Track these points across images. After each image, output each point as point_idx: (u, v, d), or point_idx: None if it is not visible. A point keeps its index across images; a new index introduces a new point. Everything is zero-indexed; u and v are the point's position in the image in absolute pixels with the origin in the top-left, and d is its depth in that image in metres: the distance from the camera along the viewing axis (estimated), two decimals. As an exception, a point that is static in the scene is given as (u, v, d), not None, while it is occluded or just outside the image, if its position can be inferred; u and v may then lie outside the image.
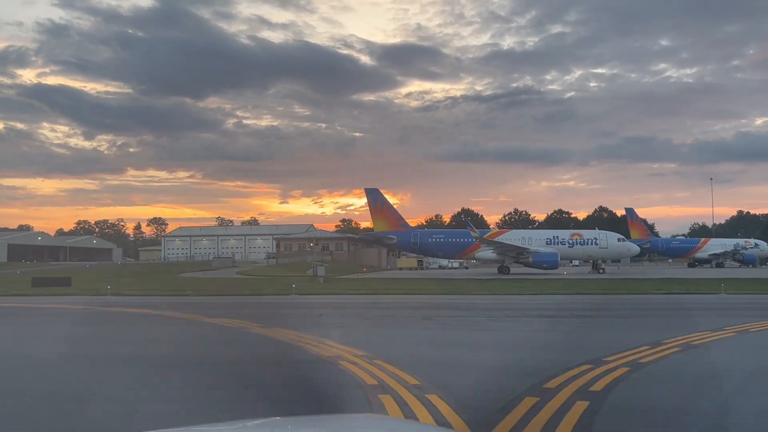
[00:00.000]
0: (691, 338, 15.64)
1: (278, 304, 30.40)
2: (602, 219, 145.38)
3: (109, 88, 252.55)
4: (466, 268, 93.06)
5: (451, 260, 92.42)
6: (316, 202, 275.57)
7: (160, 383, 11.12)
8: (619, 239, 72.14)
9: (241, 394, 10.06)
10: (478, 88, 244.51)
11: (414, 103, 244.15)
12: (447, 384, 10.22)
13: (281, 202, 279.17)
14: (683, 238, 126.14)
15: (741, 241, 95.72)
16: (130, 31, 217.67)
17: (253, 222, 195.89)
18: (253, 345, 15.68)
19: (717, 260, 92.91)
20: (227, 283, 52.01)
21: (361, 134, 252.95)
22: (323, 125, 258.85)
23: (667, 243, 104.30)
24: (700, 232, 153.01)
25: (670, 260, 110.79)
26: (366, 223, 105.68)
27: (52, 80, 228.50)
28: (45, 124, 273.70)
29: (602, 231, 74.51)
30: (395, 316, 23.91)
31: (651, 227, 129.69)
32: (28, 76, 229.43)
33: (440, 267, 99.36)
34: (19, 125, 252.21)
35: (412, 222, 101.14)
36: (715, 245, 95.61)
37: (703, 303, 28.47)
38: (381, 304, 29.09)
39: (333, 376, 11.03)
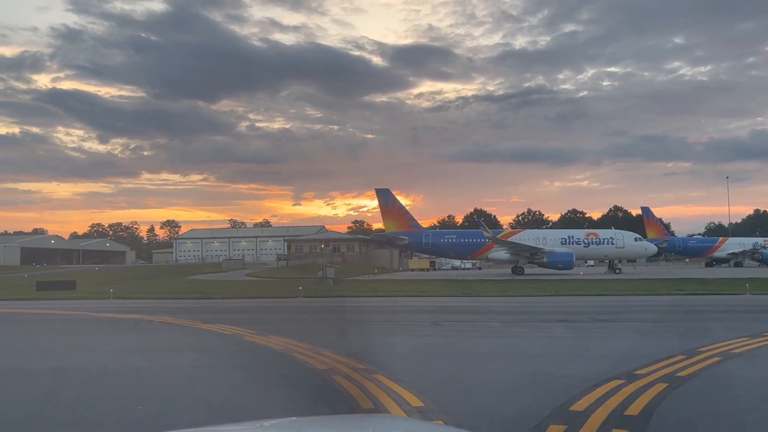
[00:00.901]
0: (729, 345, 14.04)
1: (282, 307, 29.10)
2: (617, 218, 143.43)
3: (123, 92, 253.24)
4: (479, 268, 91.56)
5: (463, 261, 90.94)
6: (328, 204, 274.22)
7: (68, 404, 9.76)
8: (636, 239, 70.45)
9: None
10: (490, 88, 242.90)
11: (425, 104, 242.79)
12: (456, 406, 8.76)
13: (294, 204, 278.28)
14: (700, 237, 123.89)
15: (760, 240, 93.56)
16: (143, 35, 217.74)
17: (265, 224, 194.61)
18: (239, 355, 14.20)
19: (735, 259, 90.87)
20: (234, 285, 50.81)
21: (373, 136, 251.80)
22: (335, 127, 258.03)
23: (685, 242, 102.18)
24: (717, 231, 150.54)
25: (687, 260, 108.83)
26: (379, 225, 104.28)
27: (66, 85, 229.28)
28: (60, 128, 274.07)
29: (619, 230, 72.80)
30: (403, 321, 22.44)
31: (667, 227, 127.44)
32: (43, 81, 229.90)
33: (453, 268, 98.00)
34: (35, 129, 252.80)
35: (425, 223, 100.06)
36: (734, 244, 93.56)
37: (730, 304, 26.88)
38: (389, 308, 27.72)
39: (322, 395, 9.54)
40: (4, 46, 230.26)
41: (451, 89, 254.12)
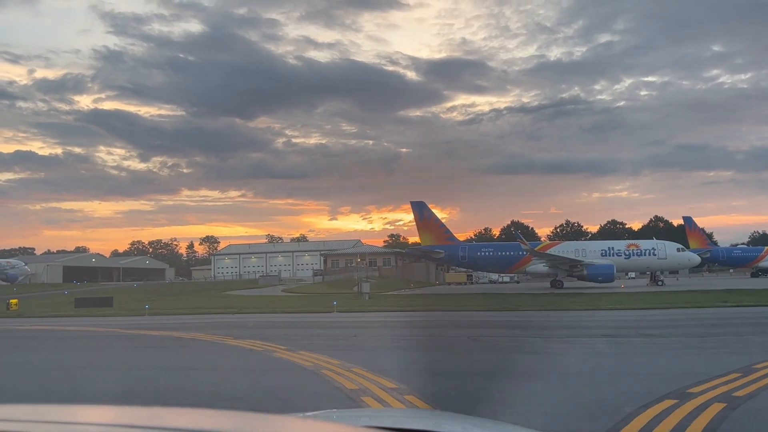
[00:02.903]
0: (787, 361, 13.12)
1: (316, 323, 28.65)
2: (658, 229, 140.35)
3: (163, 111, 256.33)
4: (517, 282, 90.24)
5: (501, 274, 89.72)
6: (364, 218, 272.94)
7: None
8: (678, 249, 68.47)
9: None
10: (526, 100, 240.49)
11: (459, 117, 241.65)
12: None
13: (330, 219, 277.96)
14: (745, 246, 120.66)
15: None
16: (181, 55, 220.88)
17: (302, 239, 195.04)
18: (266, 373, 13.73)
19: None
20: (269, 300, 50.54)
21: (408, 149, 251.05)
22: (370, 142, 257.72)
23: (729, 252, 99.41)
24: (761, 240, 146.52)
25: (731, 270, 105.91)
26: (415, 238, 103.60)
27: (108, 105, 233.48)
28: (102, 148, 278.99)
29: (660, 241, 70.90)
30: (439, 336, 21.77)
31: (709, 236, 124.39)
32: (85, 101, 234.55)
33: (490, 281, 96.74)
34: (77, 150, 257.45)
35: (461, 236, 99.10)
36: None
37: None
38: (424, 323, 27.06)
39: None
40: (48, 69, 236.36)
41: (484, 102, 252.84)
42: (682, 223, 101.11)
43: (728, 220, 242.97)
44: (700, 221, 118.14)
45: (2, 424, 1.32)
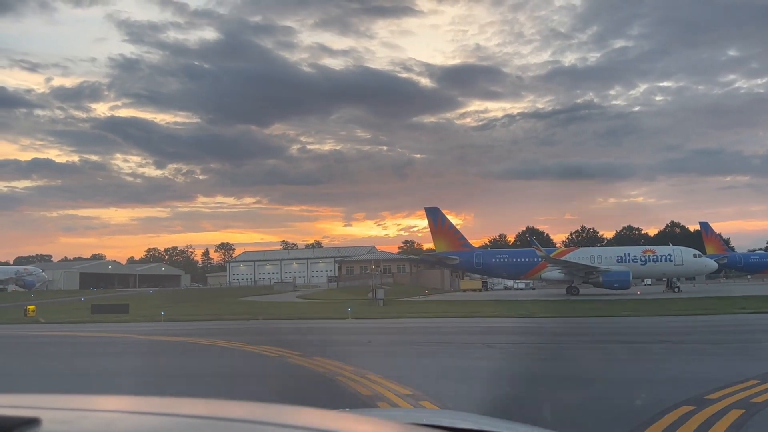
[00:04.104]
0: (806, 368, 12.97)
1: (330, 329, 28.68)
2: (675, 234, 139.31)
3: (178, 119, 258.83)
4: (533, 288, 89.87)
5: (516, 281, 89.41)
6: (379, 225, 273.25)
7: None
8: (695, 255, 67.83)
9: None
10: (540, 105, 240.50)
11: (473, 123, 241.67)
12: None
13: (345, 225, 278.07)
14: (762, 252, 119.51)
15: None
16: (196, 63, 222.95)
17: (317, 245, 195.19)
18: (279, 379, 13.74)
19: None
20: (285, 307, 50.66)
21: (422, 155, 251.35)
22: (384, 148, 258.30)
23: (746, 258, 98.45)
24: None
25: (749, 276, 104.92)
26: (429, 245, 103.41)
27: (124, 113, 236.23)
28: (118, 155, 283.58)
29: (677, 247, 70.31)
30: (454, 342, 21.70)
31: (726, 242, 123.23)
32: (101, 109, 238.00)
33: (505, 288, 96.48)
34: (94, 157, 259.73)
35: (476, 242, 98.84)
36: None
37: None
38: (440, 329, 27.00)
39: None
40: (65, 77, 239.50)
41: (498, 108, 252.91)
42: (699, 228, 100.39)
43: (745, 225, 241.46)
44: (717, 227, 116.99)
45: (18, 411, 1.35)
